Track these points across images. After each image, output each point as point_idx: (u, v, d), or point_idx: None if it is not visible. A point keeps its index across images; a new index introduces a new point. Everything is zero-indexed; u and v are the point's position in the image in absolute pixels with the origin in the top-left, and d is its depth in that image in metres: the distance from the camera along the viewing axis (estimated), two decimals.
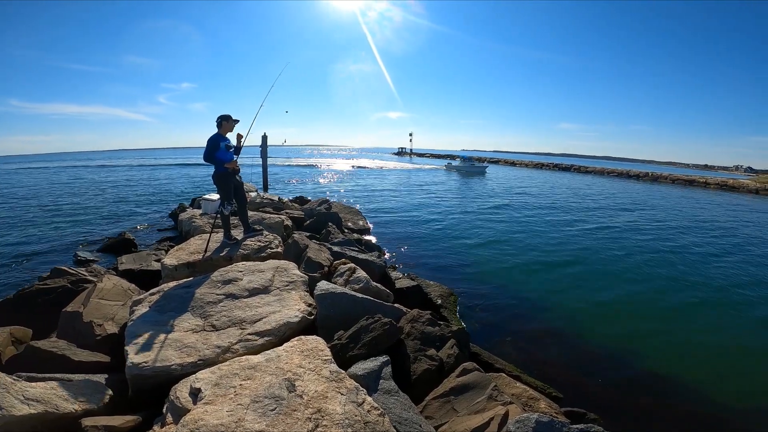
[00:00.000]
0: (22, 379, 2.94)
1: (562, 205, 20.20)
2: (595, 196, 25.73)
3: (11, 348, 4.04)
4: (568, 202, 21.75)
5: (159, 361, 3.22)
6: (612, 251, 11.02)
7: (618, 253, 10.85)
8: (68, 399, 2.90)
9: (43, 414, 2.71)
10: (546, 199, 22.94)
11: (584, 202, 22.22)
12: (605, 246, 11.63)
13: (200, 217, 8.90)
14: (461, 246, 11.14)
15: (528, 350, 5.50)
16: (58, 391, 2.94)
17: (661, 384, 4.94)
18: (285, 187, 26.27)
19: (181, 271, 5.31)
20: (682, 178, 43.63)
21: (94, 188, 25.07)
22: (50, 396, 2.86)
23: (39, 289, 5.24)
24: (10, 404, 2.63)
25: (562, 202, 21.87)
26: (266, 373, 2.89)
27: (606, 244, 11.82)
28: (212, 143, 5.53)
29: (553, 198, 23.78)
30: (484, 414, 2.89)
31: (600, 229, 14.13)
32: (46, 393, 2.87)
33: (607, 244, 11.94)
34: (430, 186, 28.76)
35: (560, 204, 20.76)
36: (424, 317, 4.39)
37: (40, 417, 2.70)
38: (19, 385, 2.82)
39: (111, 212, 15.71)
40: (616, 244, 11.99)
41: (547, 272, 9.04)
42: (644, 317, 6.89)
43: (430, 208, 17.89)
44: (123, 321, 4.27)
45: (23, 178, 34.81)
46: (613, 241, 12.28)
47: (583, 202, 22.20)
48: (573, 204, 21.21)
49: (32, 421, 2.67)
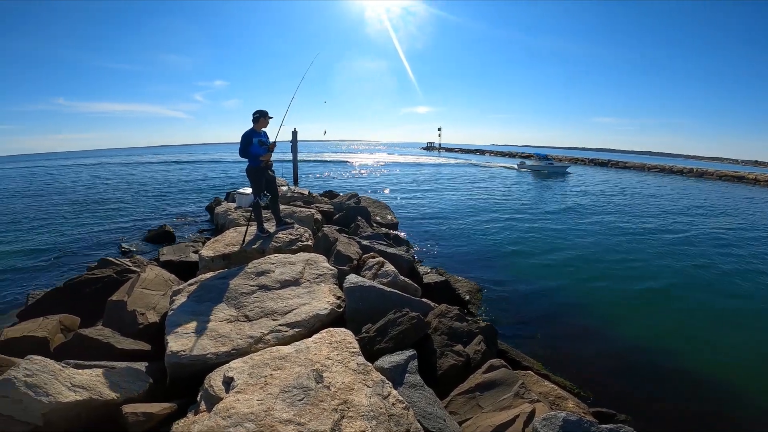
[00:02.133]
0: (69, 366, 3.07)
1: (607, 205, 19.24)
2: (641, 194, 24.11)
3: (60, 336, 4.27)
4: (612, 200, 20.62)
5: (195, 350, 3.37)
6: (657, 255, 10.42)
7: (663, 261, 9.94)
8: (111, 386, 3.01)
9: (87, 401, 2.81)
10: (587, 197, 21.99)
11: (631, 199, 21.14)
12: (649, 248, 10.95)
13: (235, 210, 9.18)
14: (492, 243, 10.95)
15: (558, 349, 5.38)
16: (102, 378, 3.06)
17: (698, 387, 4.75)
18: (314, 181, 26.62)
19: (217, 262, 5.52)
20: (729, 174, 40.99)
21: (136, 183, 26.31)
22: (95, 383, 2.97)
23: (87, 279, 5.55)
24: (57, 391, 2.73)
25: (604, 200, 20.85)
26: (295, 364, 2.98)
27: (653, 248, 11.04)
28: (245, 139, 5.73)
29: (595, 196, 22.81)
30: (509, 411, 2.88)
31: (649, 233, 13.00)
32: (92, 380, 2.99)
33: (655, 247, 11.10)
34: (470, 183, 27.35)
35: (609, 204, 19.26)
36: (452, 312, 4.39)
37: (85, 404, 2.80)
38: (67, 372, 2.94)
39: (152, 205, 16.50)
40: (666, 248, 11.14)
41: (581, 272, 8.73)
42: (686, 321, 6.57)
43: (460, 204, 17.67)
44: (163, 310, 4.47)
45: (71, 174, 36.97)
46: (662, 245, 11.46)
47: (630, 199, 21.16)
48: (613, 201, 20.19)
49: (77, 407, 2.76)
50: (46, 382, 2.73)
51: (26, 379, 2.69)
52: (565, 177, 35.08)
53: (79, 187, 24.43)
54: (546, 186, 27.57)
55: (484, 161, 57.71)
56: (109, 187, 23.89)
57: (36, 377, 2.73)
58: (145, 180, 28.53)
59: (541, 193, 23.59)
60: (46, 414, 2.63)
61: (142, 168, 42.17)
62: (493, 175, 34.49)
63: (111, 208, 15.89)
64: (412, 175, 32.58)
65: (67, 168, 46.30)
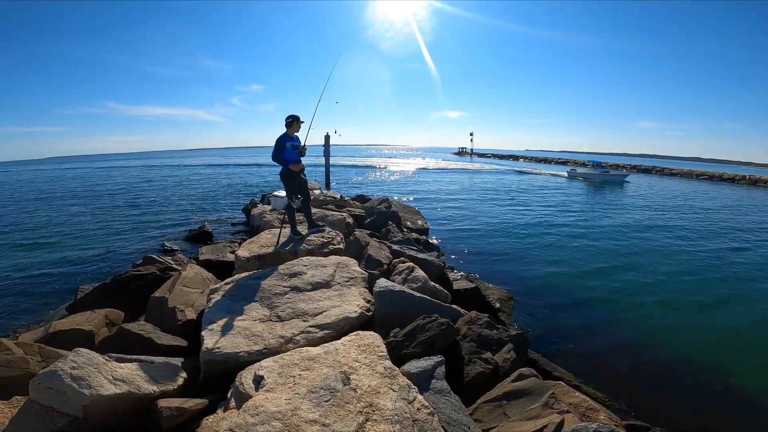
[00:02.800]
0: (112, 359, 3.17)
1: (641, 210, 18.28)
2: (699, 207, 21.78)
3: (104, 329, 4.50)
4: (670, 212, 19.21)
5: (229, 348, 3.48)
6: (711, 269, 9.74)
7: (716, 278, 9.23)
8: (149, 380, 3.11)
9: (126, 394, 2.88)
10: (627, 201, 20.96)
11: (688, 211, 19.74)
12: (701, 262, 10.28)
13: (270, 212, 9.43)
14: (524, 251, 10.70)
15: (591, 361, 5.21)
16: (141, 372, 3.15)
17: (741, 404, 4.50)
18: (346, 185, 26.91)
19: (252, 263, 5.69)
20: None
21: (179, 185, 27.57)
22: (134, 377, 3.06)
23: (132, 275, 5.85)
24: (99, 384, 2.80)
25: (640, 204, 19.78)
26: (324, 365, 3.04)
27: (705, 262, 10.36)
28: (279, 144, 5.90)
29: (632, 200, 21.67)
30: (537, 421, 2.81)
31: (701, 246, 12.16)
32: (132, 374, 3.08)
33: (709, 261, 10.40)
34: (505, 191, 25.39)
35: (668, 216, 17.75)
36: (482, 320, 4.33)
37: (124, 397, 2.88)
38: (109, 365, 3.04)
39: (192, 206, 17.27)
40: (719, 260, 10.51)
41: (624, 289, 8.26)
42: (735, 339, 6.18)
43: (495, 212, 17.29)
44: (201, 308, 4.63)
45: (120, 175, 39.25)
46: (714, 258, 10.76)
47: (686, 211, 19.85)
48: (672, 213, 19.03)
49: (115, 401, 2.84)
50: (90, 375, 2.83)
51: (72, 371, 2.77)
52: (623, 186, 32.33)
53: (127, 188, 25.97)
54: (598, 196, 25.14)
55: (528, 168, 55.12)
56: (154, 189, 25.19)
57: (81, 369, 2.82)
58: (187, 182, 29.94)
59: (592, 203, 21.81)
60: (86, 406, 2.70)
61: (184, 170, 44.22)
62: (538, 184, 32.23)
63: (155, 209, 16.77)
64: (446, 181, 32.29)
65: (117, 169, 49.12)
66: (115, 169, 50.49)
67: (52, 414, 2.67)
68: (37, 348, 3.56)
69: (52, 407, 2.68)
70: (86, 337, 4.15)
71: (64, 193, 24.32)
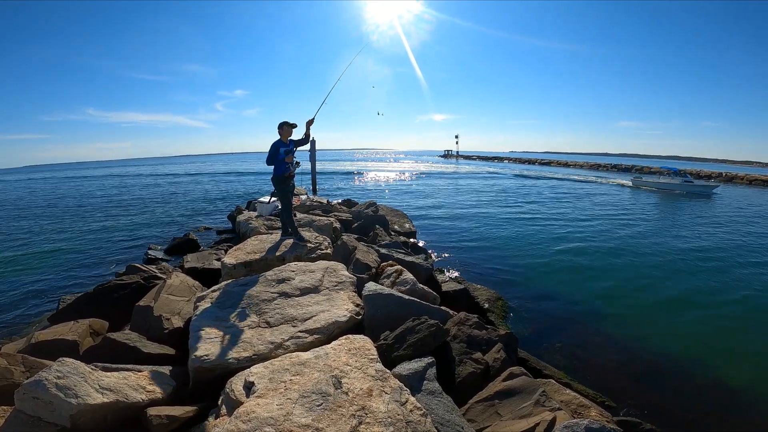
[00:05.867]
0: (98, 368, 3.15)
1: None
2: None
3: (89, 339, 4.42)
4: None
5: (218, 355, 3.44)
6: (685, 263, 10.13)
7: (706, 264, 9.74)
8: (137, 389, 3.08)
9: (114, 403, 2.87)
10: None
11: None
12: (671, 257, 10.67)
13: (256, 219, 9.35)
14: (510, 252, 10.82)
15: (580, 358, 5.29)
16: (128, 381, 3.13)
17: (729, 398, 4.60)
18: (333, 190, 26.86)
19: (239, 269, 5.63)
20: (760, 178, 39.48)
21: (162, 193, 27.15)
22: (122, 386, 3.04)
23: (116, 285, 5.75)
24: (86, 393, 2.78)
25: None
26: (315, 370, 3.02)
27: (681, 257, 10.63)
28: (273, 150, 6.04)
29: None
30: (529, 419, 2.84)
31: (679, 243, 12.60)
32: (118, 383, 3.05)
33: (688, 257, 10.64)
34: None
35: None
36: (471, 320, 4.36)
37: (112, 406, 2.86)
38: (95, 374, 3.02)
39: (177, 214, 17.01)
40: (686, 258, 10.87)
41: (602, 280, 8.59)
42: (721, 333, 6.35)
43: (477, 213, 17.50)
44: (188, 315, 4.58)
45: (100, 183, 38.49)
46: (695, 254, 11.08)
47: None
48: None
49: (104, 409, 2.82)
50: (76, 384, 2.80)
51: (57, 380, 2.74)
52: (711, 198, 25.23)
53: (109, 197, 25.42)
54: (679, 213, 19.33)
55: (549, 173, 47.71)
56: (135, 198, 24.70)
57: (67, 379, 2.79)
58: (171, 190, 29.47)
59: (668, 222, 16.49)
60: (74, 416, 2.67)
61: (167, 178, 43.54)
62: (588, 193, 27.09)
63: (139, 217, 16.47)
64: (432, 184, 32.49)
65: (99, 178, 48.06)
66: (97, 178, 49.41)
67: (39, 424, 2.64)
68: (20, 358, 3.47)
69: (38, 417, 2.65)
70: (70, 347, 4.07)
71: (45, 202, 23.75)
